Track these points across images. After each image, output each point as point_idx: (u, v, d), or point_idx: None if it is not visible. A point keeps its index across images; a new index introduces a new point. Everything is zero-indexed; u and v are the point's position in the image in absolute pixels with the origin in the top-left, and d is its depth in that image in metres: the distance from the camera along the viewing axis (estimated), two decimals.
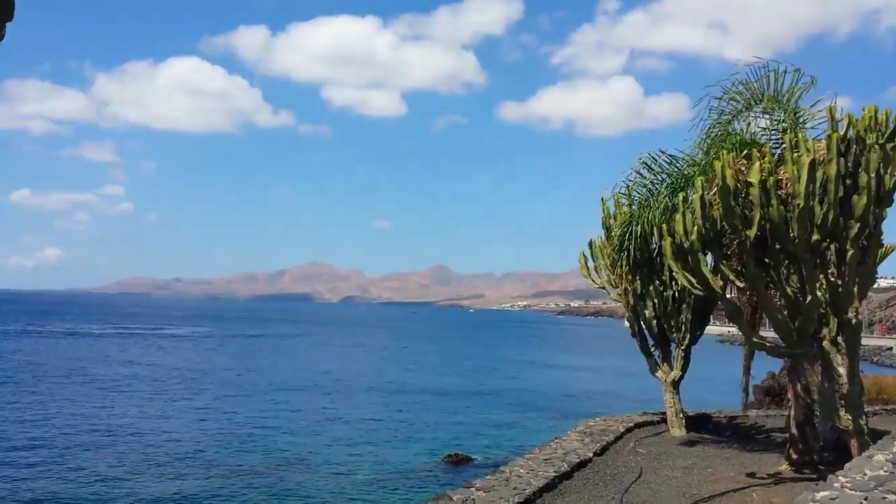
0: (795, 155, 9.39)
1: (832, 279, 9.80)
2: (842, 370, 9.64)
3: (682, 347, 14.29)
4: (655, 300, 14.26)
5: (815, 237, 9.31)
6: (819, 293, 9.66)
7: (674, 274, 11.44)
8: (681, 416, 14.12)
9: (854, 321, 9.69)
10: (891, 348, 75.15)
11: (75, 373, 41.73)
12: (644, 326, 14.64)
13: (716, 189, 9.87)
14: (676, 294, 14.08)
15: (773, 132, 11.10)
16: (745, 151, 10.44)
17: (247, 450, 22.54)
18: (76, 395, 33.07)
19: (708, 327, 14.92)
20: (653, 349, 14.75)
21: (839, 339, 9.96)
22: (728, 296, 11.13)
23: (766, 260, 10.20)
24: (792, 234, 9.43)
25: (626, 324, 15.14)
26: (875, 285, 10.56)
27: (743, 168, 9.91)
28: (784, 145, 9.86)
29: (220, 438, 24.18)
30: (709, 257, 10.63)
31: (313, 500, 17.33)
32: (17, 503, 16.55)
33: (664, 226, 11.01)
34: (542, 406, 34.46)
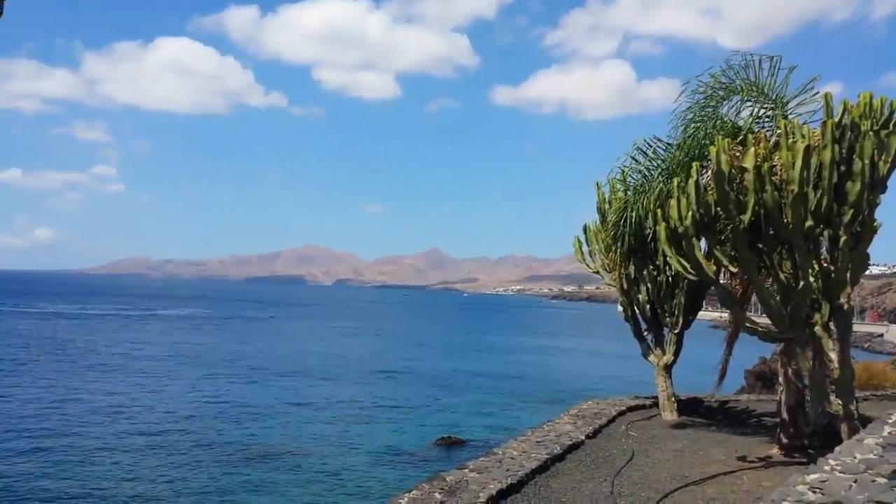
0: (790, 141, 9.40)
1: (825, 265, 9.85)
2: (833, 355, 9.70)
3: (675, 332, 14.35)
4: (649, 285, 14.30)
5: (809, 223, 9.34)
6: (811, 279, 9.71)
7: (668, 259, 11.46)
8: (672, 399, 14.21)
9: (846, 307, 9.74)
10: (881, 335, 75.66)
11: (64, 354, 41.65)
12: (637, 311, 14.69)
13: (709, 174, 9.88)
14: (670, 279, 14.11)
15: (757, 120, 11.10)
16: (740, 137, 10.46)
17: (240, 432, 22.62)
18: (63, 375, 33.03)
19: (700, 312, 14.99)
20: (646, 333, 14.80)
21: (831, 324, 10.01)
22: (721, 281, 11.18)
23: (760, 245, 10.24)
24: (786, 220, 9.47)
25: (620, 308, 15.17)
26: (867, 272, 10.60)
27: (738, 154, 9.92)
28: (779, 131, 9.86)
29: (212, 421, 24.24)
30: (703, 242, 10.67)
31: (307, 482, 17.43)
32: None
33: (659, 211, 11.03)
34: (535, 389, 34.64)
